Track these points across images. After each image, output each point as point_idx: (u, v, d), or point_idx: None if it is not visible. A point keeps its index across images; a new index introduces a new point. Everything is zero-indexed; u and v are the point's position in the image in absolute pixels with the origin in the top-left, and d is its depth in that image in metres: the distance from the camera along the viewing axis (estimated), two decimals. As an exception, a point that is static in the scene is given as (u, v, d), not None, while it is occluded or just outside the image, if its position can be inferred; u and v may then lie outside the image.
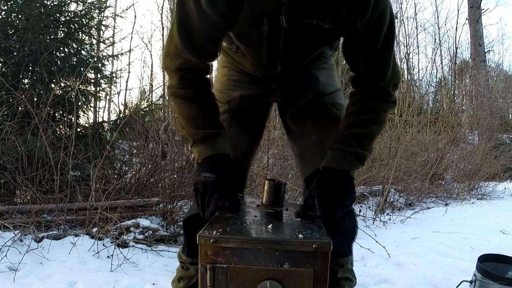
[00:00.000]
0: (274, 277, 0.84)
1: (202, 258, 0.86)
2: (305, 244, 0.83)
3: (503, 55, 26.53)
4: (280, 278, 0.84)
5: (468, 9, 11.35)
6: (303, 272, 0.83)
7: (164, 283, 1.86)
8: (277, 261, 0.84)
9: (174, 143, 3.72)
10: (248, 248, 0.85)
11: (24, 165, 2.85)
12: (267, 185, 1.22)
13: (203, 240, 0.86)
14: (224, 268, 0.85)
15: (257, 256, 0.85)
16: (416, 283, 1.96)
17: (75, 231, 2.43)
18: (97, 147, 3.37)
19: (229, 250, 0.85)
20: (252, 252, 0.85)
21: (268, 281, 0.84)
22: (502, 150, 7.55)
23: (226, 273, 0.85)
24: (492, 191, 6.10)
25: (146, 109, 4.31)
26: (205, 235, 0.86)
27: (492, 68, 15.10)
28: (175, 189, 3.03)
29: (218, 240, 0.85)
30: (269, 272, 0.84)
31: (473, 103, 9.93)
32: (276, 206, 1.22)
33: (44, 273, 1.91)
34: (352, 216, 1.23)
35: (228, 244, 0.85)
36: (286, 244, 0.84)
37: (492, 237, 3.12)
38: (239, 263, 0.85)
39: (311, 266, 0.83)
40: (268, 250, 0.84)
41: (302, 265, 0.84)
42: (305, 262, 0.84)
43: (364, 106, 1.11)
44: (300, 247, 0.83)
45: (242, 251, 0.85)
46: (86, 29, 4.03)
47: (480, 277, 1.51)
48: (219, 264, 0.85)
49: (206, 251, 0.86)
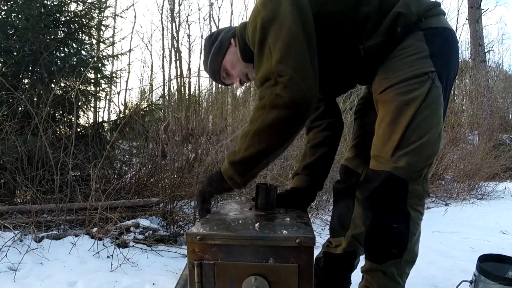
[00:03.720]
0: (260, 272, 0.85)
1: (190, 255, 0.88)
2: (288, 239, 0.85)
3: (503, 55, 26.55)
4: (266, 274, 0.85)
5: (468, 9, 11.34)
6: (288, 267, 0.85)
7: (164, 283, 1.86)
8: (262, 257, 0.86)
9: (174, 143, 3.72)
10: (233, 244, 0.86)
11: (24, 165, 2.85)
12: (259, 189, 1.25)
13: (190, 238, 0.87)
14: (211, 264, 0.87)
15: (243, 252, 0.86)
16: (416, 283, 1.95)
17: (75, 231, 2.43)
18: (97, 147, 3.37)
19: (215, 247, 0.87)
20: (237, 248, 0.86)
21: (253, 277, 0.85)
22: (502, 150, 7.54)
23: (213, 269, 0.87)
24: (492, 191, 6.10)
25: (146, 109, 4.31)
26: (192, 233, 0.88)
27: (492, 68, 15.10)
28: (175, 189, 3.03)
29: (204, 238, 0.87)
30: (255, 268, 0.86)
31: (473, 103, 9.93)
32: (268, 208, 1.24)
33: (44, 273, 1.91)
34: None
35: (214, 241, 0.87)
36: (270, 240, 0.85)
37: (492, 237, 3.12)
38: (226, 260, 0.87)
39: (296, 261, 0.85)
40: (253, 246, 0.86)
41: (286, 260, 0.85)
42: (289, 257, 0.85)
43: None
44: (284, 242, 0.85)
45: (228, 248, 0.87)
46: (86, 29, 4.03)
47: (480, 277, 1.51)
48: (206, 261, 0.87)
49: (193, 249, 0.88)
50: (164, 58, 16.48)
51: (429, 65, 1.15)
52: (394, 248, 1.18)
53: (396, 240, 1.17)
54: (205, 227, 0.91)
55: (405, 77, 1.15)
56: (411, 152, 1.14)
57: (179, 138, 3.89)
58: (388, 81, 1.18)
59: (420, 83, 1.14)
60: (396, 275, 1.20)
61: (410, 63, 1.16)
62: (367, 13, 1.18)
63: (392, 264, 1.19)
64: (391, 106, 1.17)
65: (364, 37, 1.20)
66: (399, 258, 1.19)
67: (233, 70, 1.39)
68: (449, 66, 1.20)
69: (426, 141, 1.15)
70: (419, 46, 1.16)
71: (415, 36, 1.17)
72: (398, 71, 1.17)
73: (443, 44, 1.19)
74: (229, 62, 1.38)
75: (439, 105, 1.17)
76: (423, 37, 1.17)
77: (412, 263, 1.24)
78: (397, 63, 1.18)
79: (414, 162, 1.14)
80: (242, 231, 0.90)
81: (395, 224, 1.16)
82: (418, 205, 1.19)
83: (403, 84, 1.15)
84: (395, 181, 1.15)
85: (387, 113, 1.18)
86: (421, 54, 1.16)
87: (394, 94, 1.17)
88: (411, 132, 1.14)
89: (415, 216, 1.18)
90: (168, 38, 17.30)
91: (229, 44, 1.37)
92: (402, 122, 1.14)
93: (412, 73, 1.15)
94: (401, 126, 1.15)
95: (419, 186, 1.17)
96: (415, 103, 1.14)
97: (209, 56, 1.40)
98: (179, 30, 16.63)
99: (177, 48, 15.67)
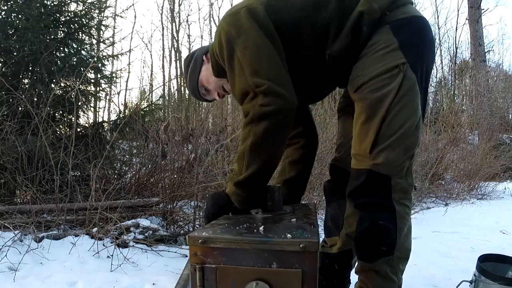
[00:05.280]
0: (262, 277, 0.83)
1: (191, 259, 0.87)
2: (292, 244, 0.82)
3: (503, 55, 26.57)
4: (268, 278, 0.83)
5: (468, 9, 11.35)
6: (291, 273, 0.83)
7: (164, 283, 1.86)
8: (265, 261, 0.84)
9: (174, 143, 3.72)
10: (235, 248, 0.85)
11: (24, 165, 2.85)
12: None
13: (192, 241, 0.86)
14: (212, 268, 0.85)
15: (245, 256, 0.85)
16: (416, 283, 1.95)
17: (75, 231, 2.42)
18: (97, 147, 3.36)
19: (217, 250, 0.85)
20: (240, 252, 0.85)
21: (255, 282, 0.83)
22: (502, 150, 7.53)
23: (215, 273, 0.85)
24: (492, 191, 6.09)
25: (146, 109, 4.31)
26: (194, 236, 0.87)
27: (492, 68, 15.09)
28: (175, 189, 3.03)
29: (206, 241, 0.85)
30: (257, 272, 0.84)
31: (473, 103, 9.92)
32: (274, 210, 1.22)
33: (44, 273, 1.91)
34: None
35: (216, 245, 0.85)
36: (273, 244, 0.83)
37: (492, 237, 3.11)
38: (228, 264, 0.85)
39: (299, 266, 0.82)
40: (256, 250, 0.84)
41: (290, 265, 0.83)
42: (293, 262, 0.83)
43: None
44: (288, 246, 0.82)
45: (230, 252, 0.85)
46: (86, 29, 4.03)
47: (480, 277, 1.51)
48: (208, 265, 0.85)
49: (195, 252, 0.86)
50: (164, 58, 16.49)
51: (399, 57, 1.14)
52: (383, 246, 1.17)
53: (384, 237, 1.16)
54: (208, 231, 0.90)
55: (376, 73, 1.15)
56: (388, 147, 1.14)
57: (179, 138, 3.88)
58: (360, 79, 1.18)
59: (391, 77, 1.13)
60: (389, 273, 1.19)
61: (379, 58, 1.15)
62: (328, 18, 1.18)
63: (384, 262, 1.18)
64: (365, 104, 1.17)
65: (330, 41, 1.20)
66: (390, 256, 1.18)
67: (209, 85, 1.45)
68: (423, 55, 1.19)
69: (402, 134, 1.14)
70: (387, 40, 1.15)
71: (381, 31, 1.17)
72: (369, 68, 1.16)
73: (413, 34, 1.17)
74: (204, 78, 1.44)
75: (414, 96, 1.16)
76: (390, 30, 1.16)
77: (405, 259, 1.23)
78: (367, 60, 1.18)
79: (393, 157, 1.14)
80: (246, 234, 0.88)
81: (381, 221, 1.15)
82: (403, 199, 1.18)
83: (374, 81, 1.15)
84: (377, 177, 1.15)
85: (361, 112, 1.18)
86: (390, 47, 1.15)
87: (367, 92, 1.16)
88: (386, 127, 1.14)
89: (401, 211, 1.17)
90: (168, 38, 17.31)
91: (202, 61, 1.44)
92: (376, 118, 1.14)
93: (383, 68, 1.14)
94: (375, 123, 1.14)
95: (402, 179, 1.16)
96: (388, 98, 1.13)
97: (187, 77, 1.48)
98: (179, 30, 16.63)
99: (177, 48, 15.68)
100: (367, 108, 1.16)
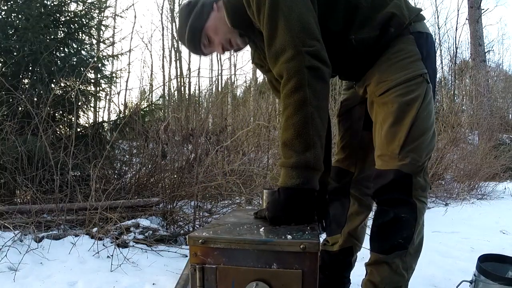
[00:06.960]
0: (262, 277, 0.83)
1: (192, 259, 0.86)
2: (292, 245, 0.82)
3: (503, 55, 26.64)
4: (269, 279, 0.83)
5: (468, 9, 11.34)
6: (291, 273, 0.83)
7: (164, 283, 1.86)
8: (265, 261, 0.84)
9: (174, 143, 3.72)
10: (236, 248, 0.85)
11: (24, 165, 2.85)
12: (265, 194, 1.24)
13: (192, 241, 0.86)
14: (213, 268, 0.85)
15: (246, 256, 0.85)
16: (416, 283, 1.95)
17: (75, 231, 2.42)
18: (97, 147, 3.36)
19: (218, 250, 0.85)
20: (240, 252, 0.85)
21: (255, 282, 0.83)
22: (502, 150, 7.54)
23: (215, 273, 0.85)
24: (492, 191, 6.10)
25: (146, 109, 4.31)
26: (195, 236, 0.86)
27: (492, 68, 15.10)
28: (175, 189, 3.03)
29: (206, 241, 0.85)
30: (258, 272, 0.84)
31: (473, 103, 9.92)
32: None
33: (44, 273, 1.91)
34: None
35: (216, 245, 0.85)
36: (274, 245, 0.83)
37: (492, 237, 3.11)
38: (228, 264, 0.85)
39: (300, 267, 0.82)
40: (256, 251, 0.84)
41: (290, 266, 0.83)
42: (293, 263, 0.83)
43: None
44: (288, 247, 0.83)
45: (230, 252, 0.85)
46: (86, 29, 4.03)
47: (480, 277, 1.51)
48: (208, 265, 0.86)
49: (195, 252, 0.86)
50: (164, 58, 16.47)
51: (422, 67, 1.22)
52: (401, 238, 1.23)
53: (404, 229, 1.23)
54: (208, 231, 0.90)
55: (403, 79, 1.21)
56: (415, 148, 1.21)
57: (179, 138, 3.89)
58: (386, 84, 1.23)
59: (417, 84, 1.21)
60: (401, 268, 1.25)
61: (405, 66, 1.22)
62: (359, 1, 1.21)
63: (397, 256, 1.24)
64: (393, 107, 1.21)
65: (354, 26, 1.22)
66: (405, 250, 1.24)
67: (215, 36, 1.31)
68: (435, 68, 1.31)
69: (427, 137, 1.23)
70: (412, 50, 1.23)
71: (406, 40, 1.24)
72: (395, 74, 1.22)
73: (429, 48, 1.27)
74: (212, 27, 1.31)
75: (432, 104, 1.26)
76: (414, 42, 1.24)
77: (416, 257, 1.30)
78: (393, 66, 1.23)
79: (417, 157, 1.22)
80: (246, 235, 0.88)
81: (404, 214, 1.23)
82: (422, 196, 1.26)
83: (401, 86, 1.21)
84: (402, 177, 1.21)
85: (388, 114, 1.23)
86: (414, 57, 1.23)
87: (395, 96, 1.21)
88: (414, 130, 1.20)
89: (420, 207, 1.26)
90: (168, 38, 17.30)
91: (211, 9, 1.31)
92: (406, 121, 1.20)
93: (410, 75, 1.21)
94: (405, 125, 1.20)
95: (421, 178, 1.24)
96: (416, 103, 1.20)
97: (187, 23, 1.32)
98: (179, 30, 16.54)
99: (177, 48, 15.64)
100: (396, 110, 1.21)
